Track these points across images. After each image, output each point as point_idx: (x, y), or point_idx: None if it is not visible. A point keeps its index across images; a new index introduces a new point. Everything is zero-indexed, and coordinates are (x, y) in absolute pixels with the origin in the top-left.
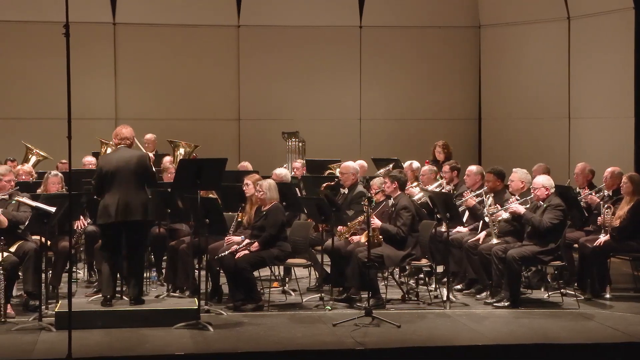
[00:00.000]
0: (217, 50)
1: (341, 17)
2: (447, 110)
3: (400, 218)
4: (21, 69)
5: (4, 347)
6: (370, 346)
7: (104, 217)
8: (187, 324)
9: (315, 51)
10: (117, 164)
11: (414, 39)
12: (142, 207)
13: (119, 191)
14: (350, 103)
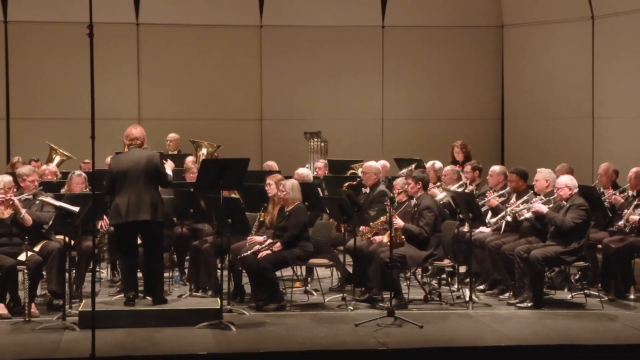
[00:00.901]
0: (239, 50)
1: (364, 17)
2: (469, 110)
3: (422, 218)
4: (45, 70)
5: (29, 345)
6: (392, 346)
7: (115, 217)
8: (210, 323)
9: (338, 51)
10: (127, 165)
11: (437, 38)
12: (152, 207)
13: (129, 191)
14: (373, 103)
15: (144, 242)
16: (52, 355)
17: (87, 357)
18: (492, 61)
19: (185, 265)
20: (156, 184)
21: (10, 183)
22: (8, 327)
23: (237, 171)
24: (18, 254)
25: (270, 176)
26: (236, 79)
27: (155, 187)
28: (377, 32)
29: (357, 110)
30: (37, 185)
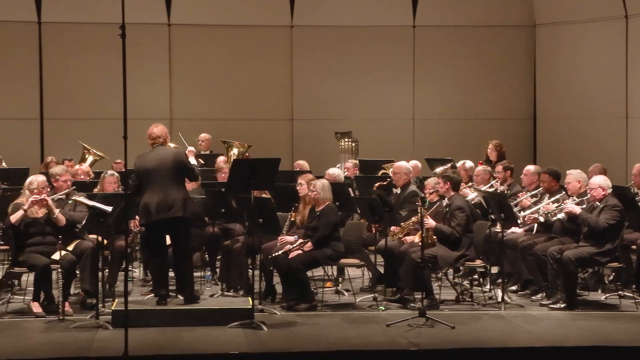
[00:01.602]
0: (270, 50)
1: (395, 17)
2: (501, 110)
3: (454, 218)
4: (78, 70)
5: (63, 344)
6: (424, 347)
7: (145, 216)
8: (241, 323)
9: (369, 51)
10: (154, 163)
11: (468, 38)
12: (182, 204)
13: (157, 190)
14: (404, 103)
15: (174, 240)
16: (85, 354)
17: (120, 356)
18: (524, 61)
19: (217, 265)
20: (183, 181)
21: (44, 183)
22: (42, 326)
23: (268, 171)
24: (52, 253)
25: (302, 176)
26: (267, 79)
27: (182, 184)
28: (408, 32)
29: (388, 110)
30: (69, 185)
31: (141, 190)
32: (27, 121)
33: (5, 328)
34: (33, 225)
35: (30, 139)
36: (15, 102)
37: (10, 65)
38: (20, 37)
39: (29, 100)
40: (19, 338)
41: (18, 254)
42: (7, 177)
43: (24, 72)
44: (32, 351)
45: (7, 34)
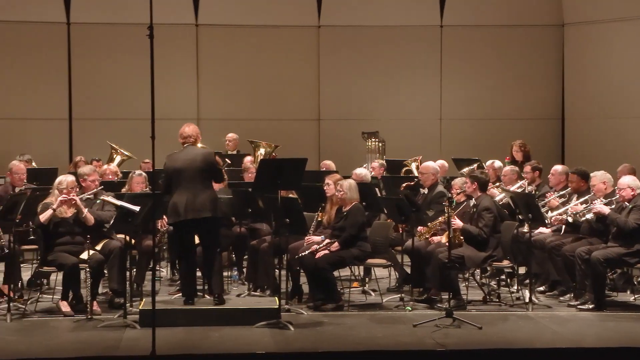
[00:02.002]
0: (297, 50)
1: (422, 17)
2: (529, 110)
3: (481, 219)
4: (106, 71)
5: (91, 343)
6: (451, 347)
7: (174, 216)
8: (268, 323)
9: (396, 51)
10: (183, 163)
11: (496, 38)
12: (211, 204)
13: (186, 189)
14: (431, 103)
15: (203, 240)
16: (113, 353)
17: (147, 355)
18: (552, 60)
19: (244, 265)
20: (211, 181)
21: (73, 183)
22: (71, 325)
23: (295, 171)
24: (80, 253)
25: (328, 176)
26: (294, 79)
27: (211, 184)
28: (435, 31)
29: (415, 110)
30: (97, 184)
31: (170, 190)
32: (56, 121)
33: (35, 327)
34: (62, 225)
35: (59, 139)
36: (44, 102)
37: (40, 65)
38: (50, 38)
39: (58, 100)
40: (48, 337)
41: (47, 254)
42: (36, 177)
43: (53, 73)
44: (60, 350)
45: (36, 34)
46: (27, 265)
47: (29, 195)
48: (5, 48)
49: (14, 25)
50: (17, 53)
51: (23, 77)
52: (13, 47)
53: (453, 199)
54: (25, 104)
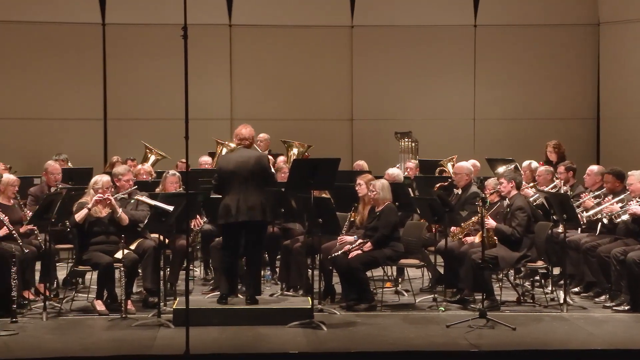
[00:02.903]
0: (330, 50)
1: (456, 16)
2: (563, 110)
3: (515, 219)
4: (141, 71)
5: (125, 341)
6: (484, 348)
7: (225, 217)
8: (301, 322)
9: (429, 51)
10: (236, 165)
11: (530, 37)
12: (262, 208)
13: (238, 192)
14: (464, 103)
15: (248, 242)
16: (147, 352)
17: (181, 354)
18: (587, 60)
19: (277, 265)
20: (263, 184)
21: (109, 183)
22: (105, 324)
23: (328, 171)
24: (115, 252)
25: (361, 176)
26: (327, 79)
27: (262, 188)
28: (469, 31)
29: (449, 110)
30: (132, 184)
31: (222, 190)
32: (91, 121)
33: (70, 325)
34: (97, 224)
35: (94, 139)
36: (79, 102)
37: (75, 66)
38: (85, 39)
39: (93, 101)
40: (83, 335)
41: (82, 253)
42: (71, 176)
43: (88, 73)
44: (95, 348)
45: (72, 35)
46: (62, 264)
47: (65, 195)
48: (41, 49)
49: (50, 26)
50: (53, 54)
51: (59, 78)
52: (49, 48)
53: (486, 199)
54: (60, 105)
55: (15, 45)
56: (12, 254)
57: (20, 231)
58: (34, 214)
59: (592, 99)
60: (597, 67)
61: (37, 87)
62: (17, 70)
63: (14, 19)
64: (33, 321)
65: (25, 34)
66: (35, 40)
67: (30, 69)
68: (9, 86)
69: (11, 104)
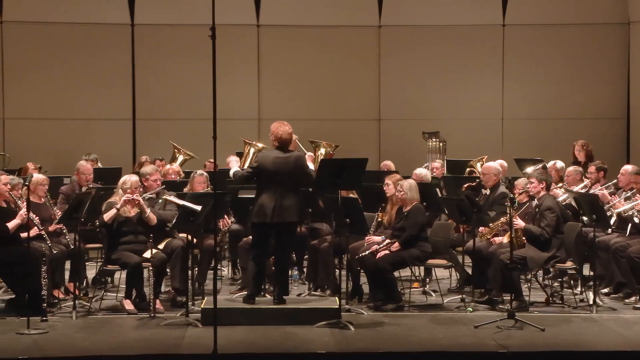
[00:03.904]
0: (358, 50)
1: (484, 16)
2: (593, 110)
3: (544, 219)
4: (169, 71)
5: (154, 340)
6: (513, 349)
7: (260, 216)
8: (328, 322)
9: (457, 50)
10: (274, 165)
11: (559, 37)
12: (297, 209)
13: (276, 192)
14: (493, 102)
15: (280, 242)
16: (175, 351)
17: (209, 353)
18: (617, 59)
19: (304, 265)
20: (300, 185)
21: (137, 183)
22: (134, 323)
23: (356, 171)
24: (143, 252)
25: (389, 176)
26: (354, 79)
27: (298, 188)
28: (497, 30)
29: (477, 110)
30: (159, 184)
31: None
32: (120, 122)
33: (99, 324)
34: (126, 224)
35: (123, 139)
36: (108, 103)
37: (104, 67)
38: (114, 39)
39: (122, 101)
40: (112, 334)
41: (111, 252)
42: (100, 176)
43: (117, 74)
44: (124, 347)
45: (101, 36)
46: (92, 263)
47: (94, 195)
48: (70, 49)
49: (79, 26)
50: (83, 54)
51: (88, 78)
52: (79, 48)
53: (515, 199)
54: (90, 105)
55: (46, 46)
56: (42, 253)
57: (49, 230)
58: (64, 213)
59: (622, 98)
60: (627, 66)
61: (67, 88)
62: (47, 70)
63: (44, 20)
64: (63, 320)
65: (55, 35)
66: (65, 40)
67: (59, 69)
68: (39, 86)
69: (41, 104)
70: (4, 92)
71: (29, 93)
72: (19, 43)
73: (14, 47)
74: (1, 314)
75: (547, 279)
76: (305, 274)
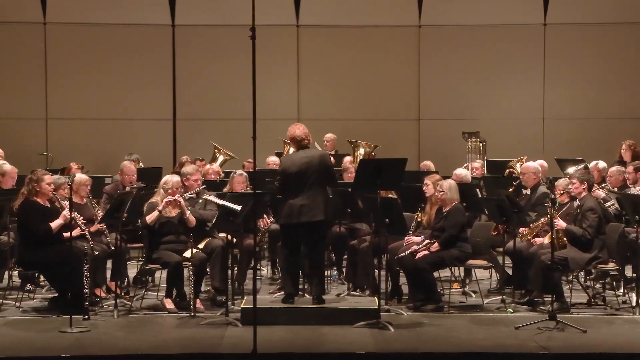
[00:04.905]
0: (398, 50)
1: (525, 15)
2: (635, 109)
3: (586, 219)
4: (209, 72)
5: (194, 340)
6: (554, 350)
7: (287, 217)
8: (368, 323)
9: (498, 50)
10: (300, 165)
11: (601, 35)
12: (324, 207)
13: (301, 192)
14: (533, 102)
15: (311, 241)
16: (215, 350)
17: (248, 353)
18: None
19: (343, 265)
20: (325, 183)
21: (178, 183)
22: (175, 322)
23: (395, 171)
24: (183, 251)
25: (428, 176)
26: (394, 79)
27: (325, 187)
28: (538, 30)
29: (517, 110)
30: (200, 184)
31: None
32: (161, 122)
33: (140, 323)
34: (167, 224)
35: (163, 139)
36: (149, 103)
37: (145, 67)
38: (155, 40)
39: (163, 101)
40: (153, 333)
41: (152, 252)
42: (142, 176)
43: (158, 74)
44: (165, 346)
45: (142, 37)
46: (133, 262)
47: (135, 195)
48: (112, 50)
49: (121, 28)
50: (124, 55)
51: (129, 79)
52: (120, 49)
53: (556, 199)
54: (131, 105)
55: (87, 47)
56: (84, 252)
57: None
58: (105, 213)
59: None
60: None
61: (108, 88)
62: (88, 71)
63: (86, 21)
64: (104, 318)
65: (97, 36)
66: (106, 41)
67: (101, 70)
68: (81, 87)
69: (83, 104)
70: (47, 93)
71: (72, 94)
72: (62, 44)
73: (57, 48)
74: (44, 312)
75: (588, 280)
76: (345, 274)
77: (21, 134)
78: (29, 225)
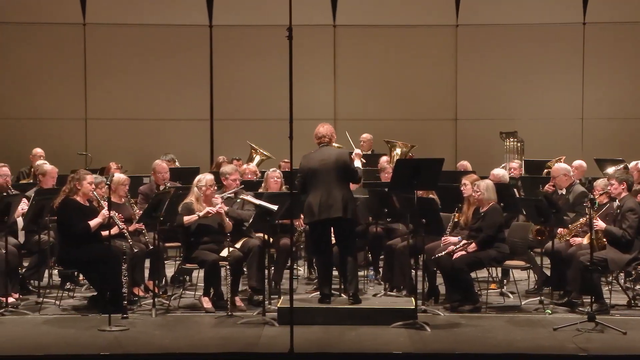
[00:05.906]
0: (434, 50)
1: (563, 14)
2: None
3: (626, 220)
4: (246, 72)
5: (231, 339)
6: (593, 352)
7: (309, 216)
8: (405, 323)
9: (536, 49)
10: (318, 163)
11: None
12: (343, 204)
13: (320, 189)
14: (572, 102)
15: (337, 239)
16: (252, 349)
17: (285, 352)
18: None
19: (380, 265)
20: (347, 181)
21: (212, 181)
22: (212, 321)
23: (432, 171)
24: (220, 251)
25: (466, 176)
26: (431, 79)
27: (346, 184)
28: (577, 29)
29: (556, 110)
30: (238, 183)
31: (306, 190)
32: (198, 122)
33: (178, 322)
34: (204, 224)
35: (201, 139)
36: (187, 103)
37: (183, 67)
38: (193, 41)
39: (200, 101)
40: (191, 332)
41: (189, 251)
42: (179, 176)
43: (195, 75)
44: (202, 345)
45: (180, 37)
46: (170, 262)
47: (172, 194)
48: (150, 51)
49: (159, 28)
50: (162, 55)
51: (167, 79)
52: (158, 49)
53: (595, 200)
54: (169, 105)
55: (126, 48)
56: (122, 251)
57: (129, 229)
58: (143, 212)
59: None
60: None
61: (147, 89)
62: (127, 72)
63: (124, 22)
64: (142, 317)
65: (135, 37)
66: (144, 42)
67: (139, 70)
68: (120, 88)
69: (122, 105)
70: (86, 93)
71: (111, 94)
72: (101, 45)
73: (96, 49)
74: (83, 311)
75: (628, 282)
76: (381, 274)
77: (61, 134)
78: (68, 224)
